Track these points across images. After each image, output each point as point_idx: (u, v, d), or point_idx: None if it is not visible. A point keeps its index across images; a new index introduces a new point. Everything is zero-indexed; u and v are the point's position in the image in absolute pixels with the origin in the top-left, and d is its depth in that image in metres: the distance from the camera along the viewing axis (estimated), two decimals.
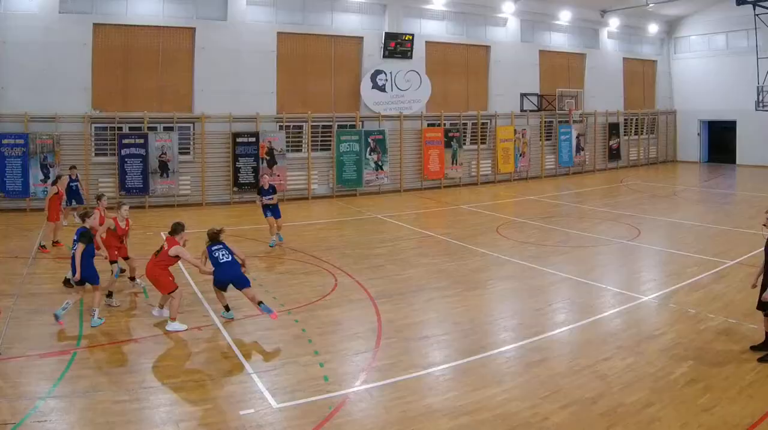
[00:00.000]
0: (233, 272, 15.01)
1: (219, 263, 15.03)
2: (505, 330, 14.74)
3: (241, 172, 34.39)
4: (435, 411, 10.62)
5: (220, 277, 15.06)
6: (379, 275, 19.42)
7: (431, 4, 40.42)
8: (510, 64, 43.82)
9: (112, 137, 32.03)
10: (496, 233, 25.67)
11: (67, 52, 30.85)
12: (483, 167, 42.63)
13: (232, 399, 11.08)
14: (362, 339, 13.99)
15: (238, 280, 15.05)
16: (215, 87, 34.01)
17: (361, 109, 38.31)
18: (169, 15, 33.26)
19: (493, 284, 18.74)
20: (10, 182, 29.98)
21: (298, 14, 36.65)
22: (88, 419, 10.24)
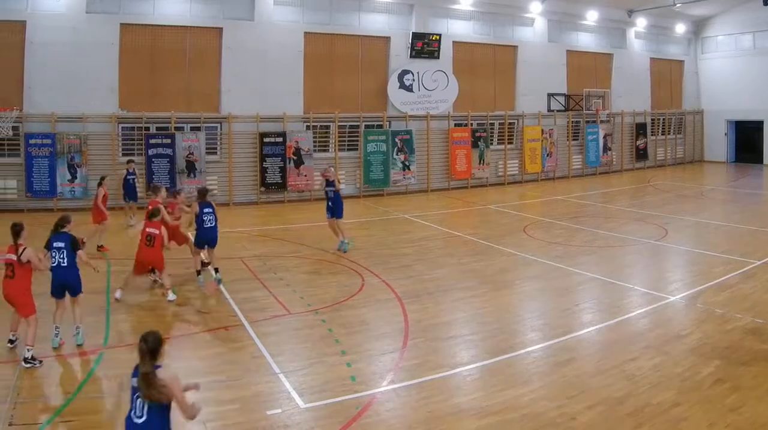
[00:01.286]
0: (213, 235, 17.63)
1: (204, 228, 17.45)
2: (532, 330, 14.50)
3: (268, 172, 33.48)
4: (462, 411, 10.43)
5: (203, 237, 17.53)
6: (406, 274, 18.95)
7: (458, 4, 39.32)
8: (537, 64, 42.60)
9: (139, 137, 31.31)
10: (523, 233, 25.06)
11: (94, 52, 30.10)
12: (510, 167, 41.46)
13: (259, 399, 10.88)
14: (389, 339, 13.69)
15: (214, 241, 17.75)
16: (242, 87, 33.19)
17: (388, 109, 37.33)
18: (196, 15, 32.46)
19: (520, 284, 18.35)
20: (37, 182, 29.22)
21: (325, 14, 35.72)
22: (115, 418, 9.92)
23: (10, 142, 28.85)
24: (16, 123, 27.24)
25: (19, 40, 29.16)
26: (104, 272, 18.50)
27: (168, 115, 31.58)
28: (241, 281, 18.24)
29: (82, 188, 29.95)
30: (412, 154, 37.25)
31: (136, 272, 16.38)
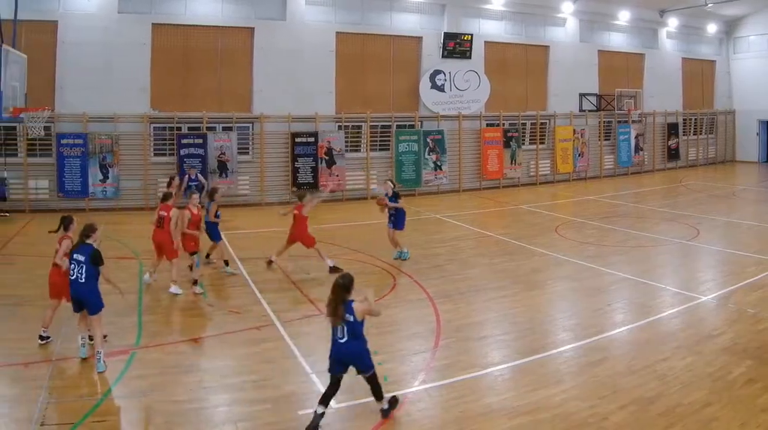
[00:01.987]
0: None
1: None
2: (564, 330, 14.19)
3: (300, 172, 32.52)
4: (493, 411, 10.24)
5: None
6: (437, 274, 18.54)
7: (490, 4, 38.08)
8: (569, 64, 41.25)
9: (171, 137, 30.44)
10: (555, 233, 24.51)
11: (125, 52, 29.34)
12: (542, 167, 40.20)
13: (290, 399, 10.70)
14: (421, 339, 13.46)
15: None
16: (274, 87, 32.26)
17: (420, 109, 36.26)
18: (227, 15, 31.58)
19: (552, 284, 17.99)
20: (69, 182, 28.39)
21: (357, 14, 34.68)
22: (147, 419, 10.04)
23: (41, 142, 28.03)
24: (48, 123, 26.05)
25: (51, 40, 28.43)
26: (135, 273, 18.04)
27: (200, 115, 30.68)
28: (273, 280, 17.87)
29: (113, 188, 29.17)
30: (444, 154, 36.18)
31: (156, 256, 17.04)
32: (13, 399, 10.52)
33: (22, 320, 14.21)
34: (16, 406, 10.26)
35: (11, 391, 10.83)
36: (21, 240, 22.88)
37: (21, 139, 28.14)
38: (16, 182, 28.19)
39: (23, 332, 13.31)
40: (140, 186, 29.33)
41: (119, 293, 12.66)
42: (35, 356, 12.14)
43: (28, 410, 10.01)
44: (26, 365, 11.70)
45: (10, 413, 10.01)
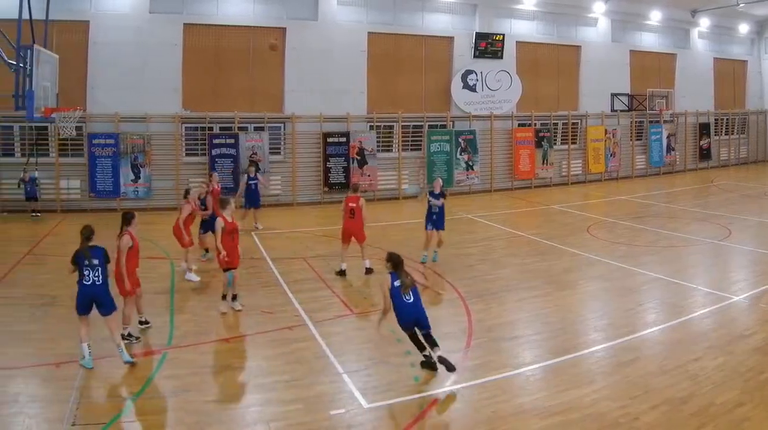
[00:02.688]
0: None
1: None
2: (596, 330, 13.79)
3: (332, 172, 31.45)
4: (525, 411, 9.98)
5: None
6: (469, 274, 18.11)
7: (522, 4, 36.65)
8: (600, 64, 39.61)
9: (203, 137, 29.50)
10: (587, 233, 23.84)
11: (157, 52, 28.46)
12: (573, 167, 38.76)
13: (322, 399, 10.45)
14: (453, 339, 12.93)
15: None
16: (306, 87, 31.15)
17: (451, 109, 34.97)
18: (259, 15, 30.54)
19: (584, 283, 17.45)
20: (101, 182, 27.52)
21: (388, 14, 33.42)
22: (178, 419, 9.76)
23: (73, 142, 27.17)
24: (80, 123, 25.18)
25: (83, 40, 27.64)
26: (167, 273, 17.84)
27: (231, 115, 29.70)
28: (305, 281, 17.38)
29: (145, 188, 28.27)
30: (476, 154, 34.86)
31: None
32: (44, 399, 10.27)
33: (54, 320, 13.87)
34: (47, 406, 10.01)
35: (43, 391, 10.58)
36: (52, 240, 22.27)
37: (53, 139, 27.33)
38: (47, 182, 27.38)
39: (54, 332, 13.04)
40: (172, 186, 28.19)
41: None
42: (66, 356, 11.76)
43: (60, 410, 9.77)
44: (57, 365, 11.40)
45: (42, 413, 9.76)
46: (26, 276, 17.67)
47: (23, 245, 21.24)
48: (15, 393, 10.40)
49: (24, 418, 9.57)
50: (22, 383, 10.83)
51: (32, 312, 14.41)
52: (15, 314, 14.24)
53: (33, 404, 10.06)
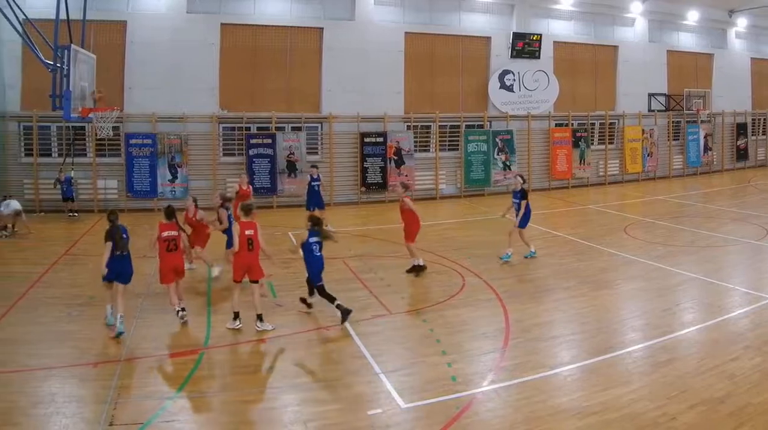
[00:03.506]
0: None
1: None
2: (633, 330, 13.19)
3: (369, 172, 29.95)
4: (562, 411, 9.55)
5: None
6: (507, 274, 17.36)
7: (559, 4, 34.77)
8: (638, 64, 37.60)
9: (240, 137, 28.15)
10: (624, 233, 22.79)
11: (194, 52, 27.24)
12: (611, 167, 36.83)
13: (360, 399, 10.03)
14: (490, 339, 12.52)
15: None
16: (343, 87, 29.70)
17: (488, 109, 33.19)
18: (296, 15, 29.12)
19: (621, 284, 16.68)
20: (138, 182, 26.32)
21: (425, 14, 31.79)
22: (215, 419, 9.51)
23: (110, 142, 25.92)
24: (117, 123, 23.82)
25: (120, 40, 26.55)
26: (205, 274, 17.07)
27: (269, 115, 28.37)
28: (342, 281, 16.43)
29: (182, 188, 26.92)
30: (513, 154, 33.15)
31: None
32: (81, 399, 9.86)
33: (91, 320, 13.39)
34: (85, 406, 9.62)
35: (80, 391, 10.16)
36: (90, 240, 21.35)
37: (90, 139, 26.32)
38: (84, 182, 26.34)
39: (92, 332, 12.66)
40: (209, 186, 26.92)
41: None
42: (104, 355, 11.52)
43: (97, 410, 9.43)
44: (95, 364, 11.10)
45: (80, 413, 9.38)
46: (64, 276, 17.00)
47: (61, 245, 20.52)
48: (52, 393, 9.98)
49: (61, 418, 9.19)
50: (59, 383, 10.38)
51: (69, 312, 13.86)
52: (52, 314, 13.71)
53: (70, 404, 9.66)
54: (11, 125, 25.99)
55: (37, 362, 11.12)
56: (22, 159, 26.28)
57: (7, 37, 24.31)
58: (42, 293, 15.28)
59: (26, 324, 13.10)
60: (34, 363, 11.06)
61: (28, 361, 11.17)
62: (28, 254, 19.41)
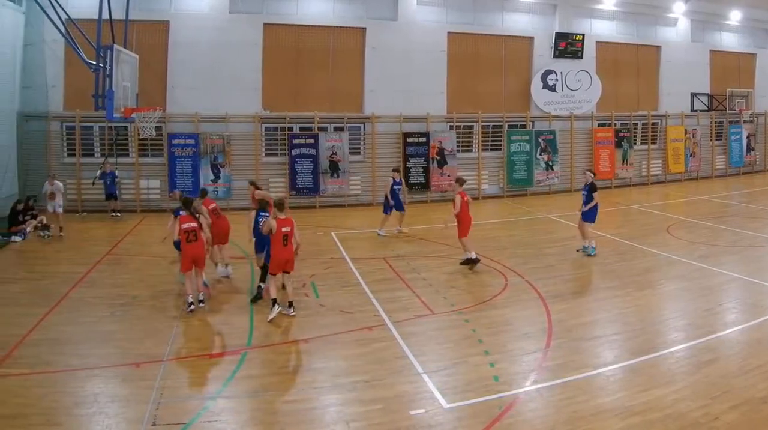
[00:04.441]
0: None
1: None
2: (676, 330, 12.56)
3: (412, 172, 27.99)
4: (605, 411, 9.07)
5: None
6: (549, 274, 16.42)
7: (602, 4, 32.49)
8: (680, 64, 35.15)
9: (283, 137, 26.45)
10: (667, 233, 21.58)
11: (237, 52, 25.70)
12: (653, 167, 34.57)
13: (402, 399, 9.56)
14: (532, 339, 11.96)
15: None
16: (386, 87, 27.87)
17: (531, 109, 31.13)
18: (339, 15, 27.37)
19: (663, 284, 15.83)
20: (180, 182, 24.61)
21: (468, 14, 29.76)
22: (258, 419, 9.00)
23: (153, 142, 24.70)
24: (160, 123, 22.72)
25: (163, 40, 25.10)
26: (247, 273, 16.35)
27: (311, 115, 26.66)
28: (385, 281, 15.83)
29: (225, 188, 25.34)
30: (556, 154, 31.08)
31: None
32: (124, 399, 9.45)
33: (134, 320, 12.88)
34: (127, 406, 9.23)
35: (123, 391, 9.74)
36: (132, 240, 20.50)
37: (132, 139, 24.83)
38: (127, 182, 24.86)
39: (135, 332, 12.15)
40: None
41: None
42: (147, 356, 10.97)
43: (140, 410, 9.03)
44: (138, 365, 10.59)
45: (122, 413, 9.01)
46: (106, 276, 16.16)
47: (103, 245, 19.45)
48: (95, 393, 9.56)
49: (104, 418, 8.81)
50: (102, 383, 9.95)
51: (113, 312, 13.24)
52: (95, 314, 13.08)
53: (113, 404, 9.28)
54: (54, 125, 24.57)
55: (80, 362, 10.63)
56: (64, 159, 24.87)
57: (50, 37, 23.09)
58: (85, 293, 14.52)
59: (69, 324, 12.47)
60: (77, 363, 10.57)
61: (71, 361, 10.67)
62: (70, 254, 18.38)
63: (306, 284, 15.39)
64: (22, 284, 15.44)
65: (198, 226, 13.24)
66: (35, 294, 14.37)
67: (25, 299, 13.97)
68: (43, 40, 23.79)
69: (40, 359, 10.66)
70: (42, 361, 10.61)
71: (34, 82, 24.09)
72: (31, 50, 23.94)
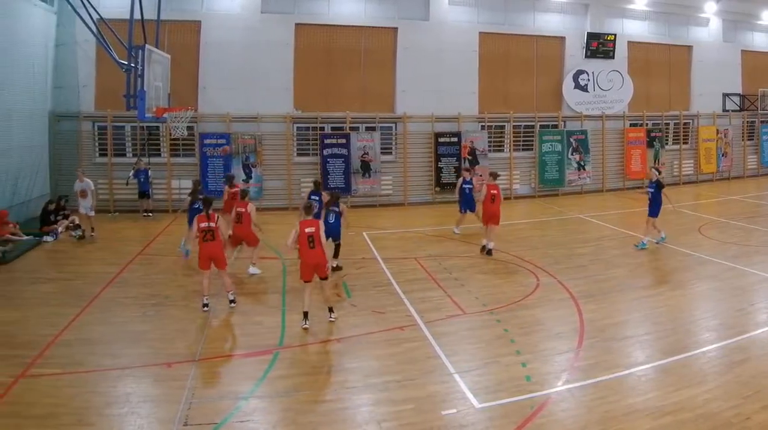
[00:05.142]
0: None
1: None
2: (707, 330, 12.01)
3: (443, 172, 26.70)
4: (636, 411, 8.59)
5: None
6: (581, 274, 15.82)
7: (633, 3, 30.88)
8: (712, 64, 33.43)
9: (314, 137, 25.25)
10: (699, 233, 20.77)
11: (268, 52, 24.53)
12: (685, 167, 32.91)
13: (434, 399, 9.16)
14: (564, 339, 11.43)
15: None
16: (417, 87, 26.54)
17: (563, 109, 29.66)
18: (371, 15, 26.10)
19: (695, 283, 15.19)
20: (212, 182, 23.44)
21: (500, 14, 28.31)
22: (290, 419, 8.56)
23: (185, 142, 23.64)
24: (191, 123, 21.70)
25: (194, 40, 24.03)
26: (279, 272, 15.84)
27: (343, 115, 25.46)
28: (417, 281, 15.23)
29: (256, 188, 24.05)
30: (587, 154, 29.54)
31: (229, 245, 14.62)
32: (156, 399, 9.14)
33: (166, 319, 12.47)
34: (159, 406, 8.91)
35: (155, 391, 9.42)
36: (164, 240, 19.62)
37: (164, 139, 23.78)
38: (159, 182, 23.74)
39: (166, 332, 11.72)
40: (283, 186, 24.26)
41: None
42: (178, 356, 10.60)
43: (171, 410, 8.68)
44: (169, 365, 10.24)
45: (154, 413, 8.69)
46: (138, 276, 15.57)
47: (135, 245, 18.69)
48: (127, 393, 9.24)
49: (135, 418, 8.52)
50: (134, 383, 9.64)
51: (144, 312, 12.77)
52: (127, 314, 12.65)
53: (144, 404, 8.98)
54: (86, 125, 23.50)
55: (112, 362, 10.31)
56: (96, 159, 23.80)
57: (81, 37, 22.11)
58: (116, 293, 14.03)
59: (101, 324, 12.07)
60: (109, 363, 10.24)
61: (103, 361, 10.33)
62: (102, 254, 17.59)
63: (338, 283, 14.81)
64: (54, 284, 14.83)
65: (216, 226, 12.92)
66: (67, 294, 13.79)
67: (57, 299, 13.41)
68: (75, 40, 22.80)
69: (71, 359, 10.29)
70: (74, 361, 10.24)
71: (66, 82, 23.09)
72: (62, 50, 22.95)
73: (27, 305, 13.04)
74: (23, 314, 12.52)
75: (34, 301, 13.35)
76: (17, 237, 18.26)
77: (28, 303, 13.19)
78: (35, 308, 12.82)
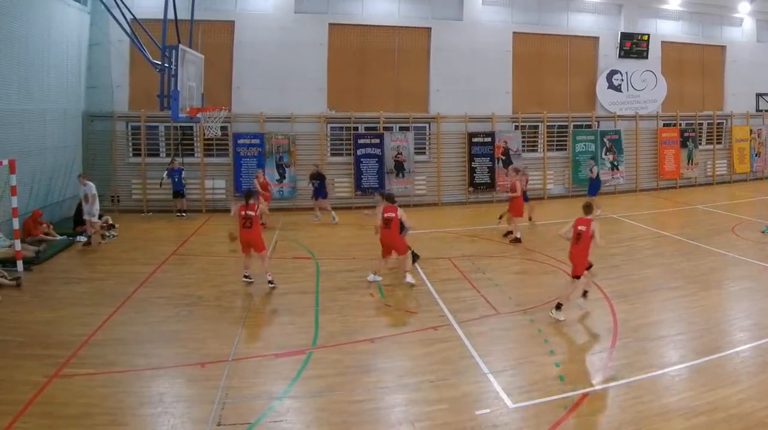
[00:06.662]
0: None
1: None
2: (741, 330, 11.15)
3: (477, 172, 24.74)
4: (670, 411, 8.06)
5: None
6: (615, 274, 14.99)
7: (667, 4, 28.45)
8: (746, 64, 30.90)
9: (348, 137, 23.47)
10: (732, 233, 19.43)
11: (302, 52, 22.81)
12: (719, 167, 30.49)
13: (467, 399, 8.59)
14: (598, 339, 10.82)
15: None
16: (451, 87, 24.60)
17: (596, 109, 27.41)
18: (404, 15, 24.14)
19: (729, 284, 14.46)
20: (246, 182, 21.64)
21: (533, 14, 26.19)
22: (323, 419, 8.09)
23: (218, 142, 21.88)
24: (225, 123, 19.91)
25: (228, 40, 22.39)
26: (312, 273, 15.04)
27: (376, 115, 23.62)
28: (450, 281, 14.43)
29: (290, 188, 22.42)
30: (621, 154, 27.32)
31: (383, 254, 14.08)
32: (190, 399, 8.56)
33: (200, 320, 11.78)
34: (193, 406, 8.35)
35: (188, 391, 8.86)
36: (197, 240, 18.50)
37: (198, 139, 22.15)
38: (192, 182, 22.11)
39: (200, 332, 11.04)
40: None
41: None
42: (212, 356, 9.92)
43: (205, 410, 8.13)
44: (203, 365, 9.61)
45: (188, 413, 8.12)
46: (172, 276, 14.75)
47: (169, 245, 17.60)
48: (160, 393, 8.66)
49: (169, 418, 7.96)
50: (168, 383, 9.06)
51: (178, 312, 12.10)
52: (161, 314, 12.01)
53: (178, 404, 8.41)
54: (119, 125, 21.84)
55: (146, 361, 9.80)
56: (129, 159, 22.15)
57: (115, 37, 20.36)
58: (150, 293, 13.35)
59: (134, 324, 11.48)
60: (143, 363, 9.73)
61: (137, 361, 9.82)
62: (136, 255, 16.56)
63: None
64: (87, 284, 14.05)
65: (255, 215, 13.31)
66: (100, 294, 13.10)
67: (90, 299, 12.73)
68: (109, 41, 21.04)
69: (105, 359, 9.79)
70: (107, 361, 9.73)
71: (100, 82, 21.46)
72: (96, 50, 21.31)
73: (60, 305, 12.28)
74: (57, 314, 11.79)
75: (68, 301, 12.63)
76: (51, 237, 17.05)
77: (61, 303, 12.43)
78: (69, 308, 12.13)
